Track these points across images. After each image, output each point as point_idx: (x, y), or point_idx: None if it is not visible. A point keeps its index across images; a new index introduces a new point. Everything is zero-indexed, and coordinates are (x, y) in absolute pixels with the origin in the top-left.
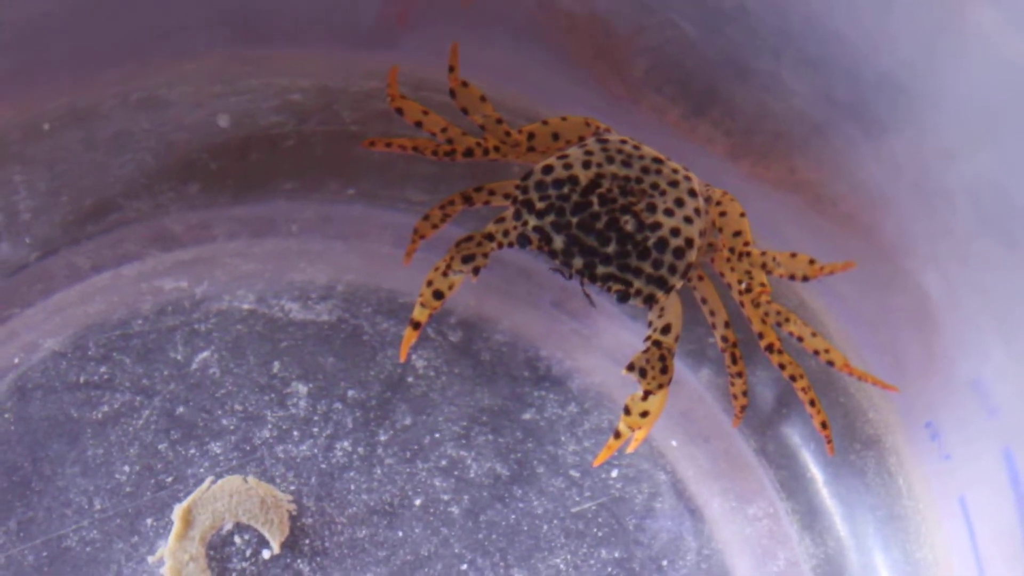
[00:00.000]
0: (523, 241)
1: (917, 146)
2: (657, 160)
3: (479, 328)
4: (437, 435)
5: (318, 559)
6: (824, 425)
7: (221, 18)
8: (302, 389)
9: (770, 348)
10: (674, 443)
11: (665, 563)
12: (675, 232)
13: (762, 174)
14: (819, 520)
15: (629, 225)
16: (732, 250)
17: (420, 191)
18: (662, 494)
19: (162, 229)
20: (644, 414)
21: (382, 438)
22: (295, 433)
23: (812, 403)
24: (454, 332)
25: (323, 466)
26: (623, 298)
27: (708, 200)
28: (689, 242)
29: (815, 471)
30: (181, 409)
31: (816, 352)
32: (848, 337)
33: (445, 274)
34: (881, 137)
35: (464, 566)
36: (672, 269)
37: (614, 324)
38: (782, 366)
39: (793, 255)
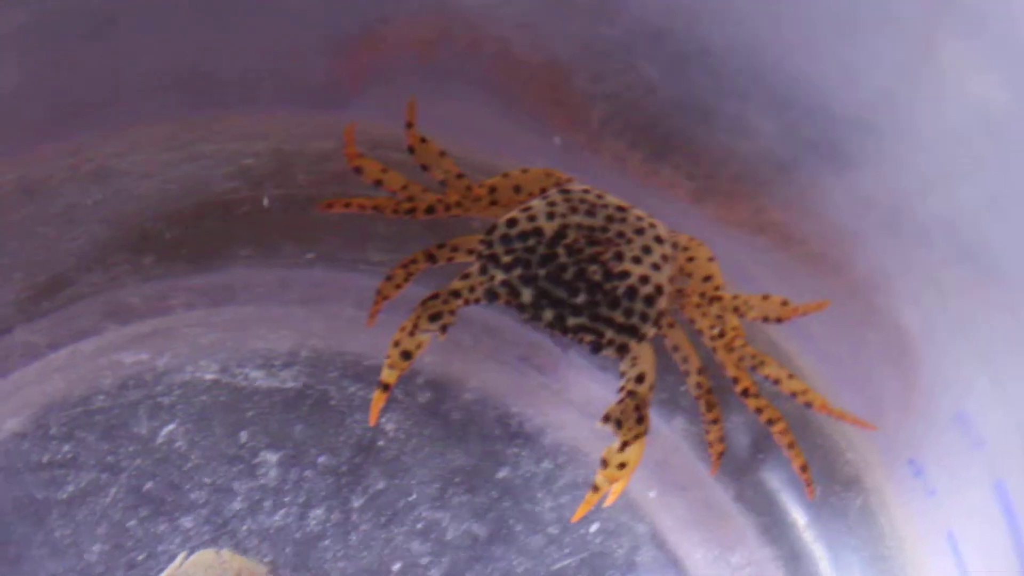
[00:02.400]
0: (490, 296)
1: (888, 181)
2: (621, 208)
3: (447, 388)
4: (412, 498)
5: None
6: (803, 468)
7: (170, 83)
8: (271, 458)
9: (745, 393)
10: (652, 494)
11: None
12: (644, 280)
13: (727, 216)
14: (803, 565)
15: (597, 275)
16: (703, 295)
17: (380, 251)
18: (643, 546)
19: (118, 302)
20: (622, 466)
21: (356, 504)
22: (267, 503)
23: (790, 446)
24: (422, 393)
25: (297, 535)
26: (596, 349)
27: (675, 246)
28: (659, 289)
29: (796, 515)
30: (149, 484)
31: (793, 394)
32: (823, 377)
33: (412, 334)
34: (851, 173)
35: None
36: (643, 317)
37: (583, 376)
38: (759, 410)
39: (765, 297)
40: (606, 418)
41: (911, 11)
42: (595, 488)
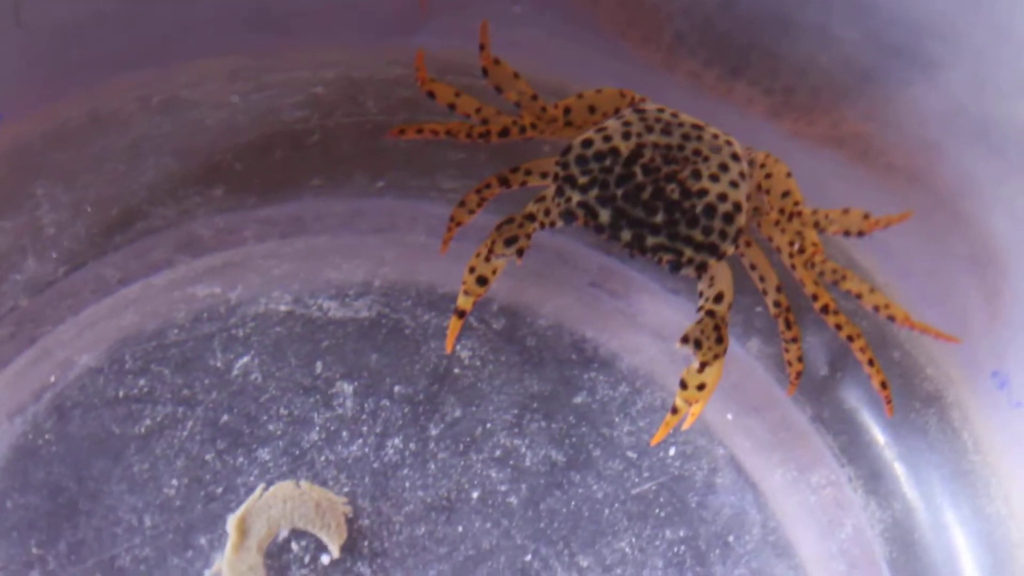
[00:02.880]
0: (568, 218)
1: (979, 84)
2: (696, 126)
3: (521, 314)
4: (489, 425)
5: (379, 560)
6: (883, 385)
7: (237, 14)
8: (347, 388)
9: (825, 309)
10: (729, 416)
11: (731, 539)
12: (722, 197)
13: (805, 131)
14: (883, 484)
15: (675, 193)
16: (781, 211)
17: (450, 179)
18: (721, 469)
19: (190, 235)
20: (701, 387)
21: (433, 432)
22: (344, 434)
23: (870, 363)
24: (497, 320)
25: (375, 465)
26: (675, 268)
27: (752, 163)
28: (737, 206)
29: (875, 434)
30: (225, 417)
31: (876, 308)
32: (903, 292)
33: (488, 259)
34: (937, 78)
35: (528, 557)
36: (723, 235)
37: (656, 301)
38: (838, 326)
39: (845, 211)
40: (685, 339)
41: None
42: (674, 410)
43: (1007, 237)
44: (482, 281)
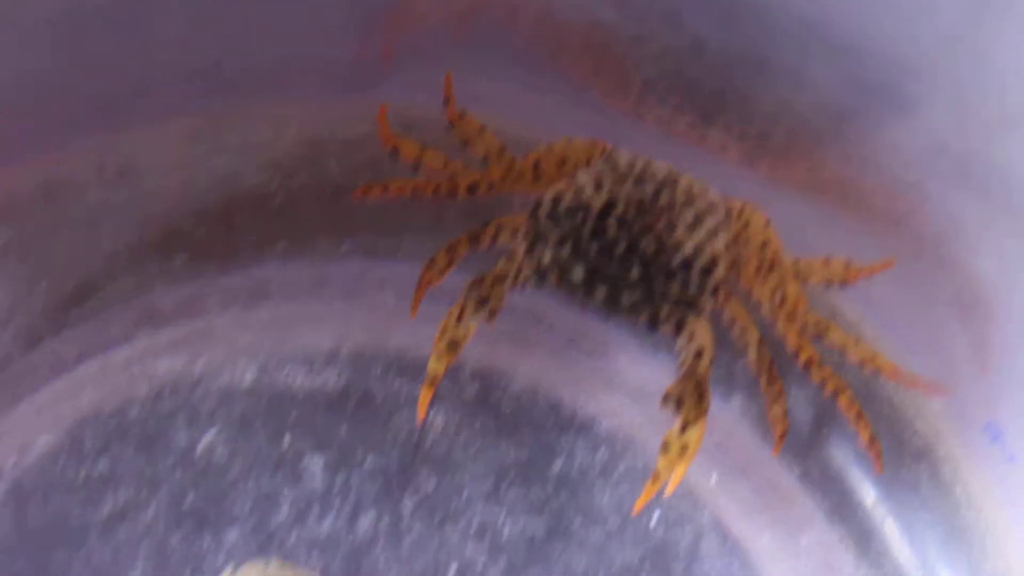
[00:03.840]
0: (540, 276)
1: (961, 124)
2: (670, 176)
3: (495, 378)
4: (465, 496)
5: None
6: (872, 440)
7: (192, 74)
8: (317, 462)
9: (808, 364)
10: (713, 479)
11: None
12: (699, 250)
13: (782, 177)
14: (874, 543)
15: (650, 247)
16: (761, 262)
17: (419, 239)
18: (707, 535)
19: (149, 307)
20: (683, 448)
21: (407, 505)
22: (315, 509)
23: (858, 417)
24: (470, 385)
25: (348, 542)
26: (652, 327)
27: (729, 212)
28: (715, 259)
29: (865, 491)
30: (191, 497)
31: (861, 362)
32: (888, 341)
33: (459, 322)
34: (917, 119)
35: None
36: (700, 289)
37: (634, 360)
38: (823, 382)
39: (827, 260)
40: (665, 399)
41: None
42: (656, 475)
43: (994, 282)
44: (454, 346)
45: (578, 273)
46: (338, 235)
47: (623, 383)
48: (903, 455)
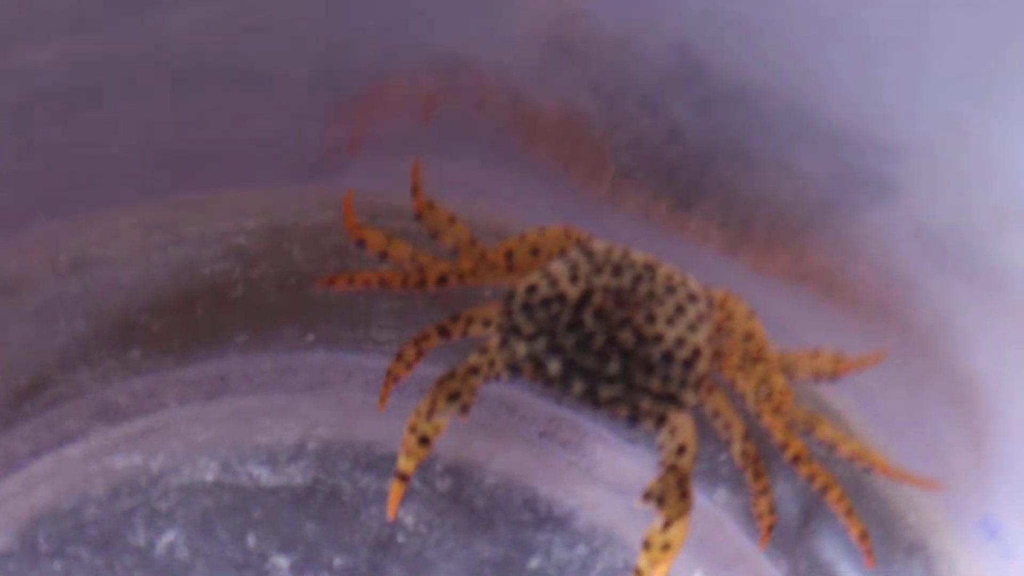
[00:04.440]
0: (513, 371)
1: (954, 217)
2: (649, 266)
3: (468, 472)
4: None
5: None
6: (863, 536)
7: (151, 162)
8: (283, 563)
9: (797, 459)
10: (697, 575)
11: None
12: (680, 342)
13: (765, 266)
14: None
15: (629, 340)
16: (745, 355)
17: (386, 328)
18: None
19: (105, 402)
20: (666, 547)
21: None
22: None
23: (848, 513)
24: (442, 480)
25: None
26: (632, 422)
27: (710, 303)
28: (697, 351)
29: None
30: None
31: (852, 457)
32: (878, 434)
33: (429, 417)
34: (907, 209)
35: None
36: (682, 383)
37: (612, 451)
38: (811, 477)
39: (815, 354)
40: (647, 496)
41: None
42: (637, 573)
43: (989, 380)
44: (424, 441)
45: (554, 367)
46: (302, 325)
47: (601, 475)
48: (895, 550)
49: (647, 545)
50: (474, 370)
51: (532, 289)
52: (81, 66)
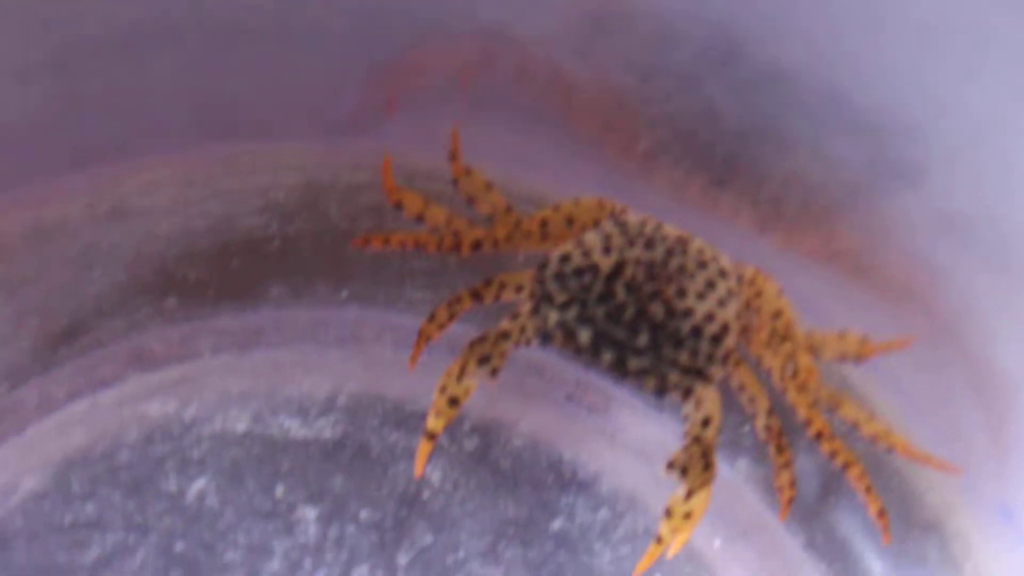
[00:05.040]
0: (545, 338)
1: (986, 207)
2: (681, 240)
3: (495, 433)
4: (461, 553)
5: None
6: (881, 513)
7: (193, 115)
8: (310, 514)
9: (819, 436)
10: (716, 543)
11: None
12: (709, 317)
13: (796, 245)
14: None
15: (659, 313)
16: (773, 333)
17: (419, 288)
18: None
19: (141, 349)
20: (687, 515)
21: (402, 561)
22: (307, 563)
23: (867, 491)
24: (469, 439)
25: None
26: (660, 394)
27: (740, 280)
28: (725, 327)
29: (871, 563)
30: (180, 546)
31: (874, 438)
32: (900, 414)
33: (459, 379)
34: (940, 196)
35: None
36: (710, 358)
37: (637, 417)
38: (833, 454)
39: (842, 335)
40: (671, 466)
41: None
42: (659, 539)
43: (1013, 367)
44: (453, 402)
45: (584, 336)
46: (336, 281)
47: (626, 441)
48: (912, 527)
49: (669, 513)
50: (505, 335)
51: (565, 258)
52: (123, 19)
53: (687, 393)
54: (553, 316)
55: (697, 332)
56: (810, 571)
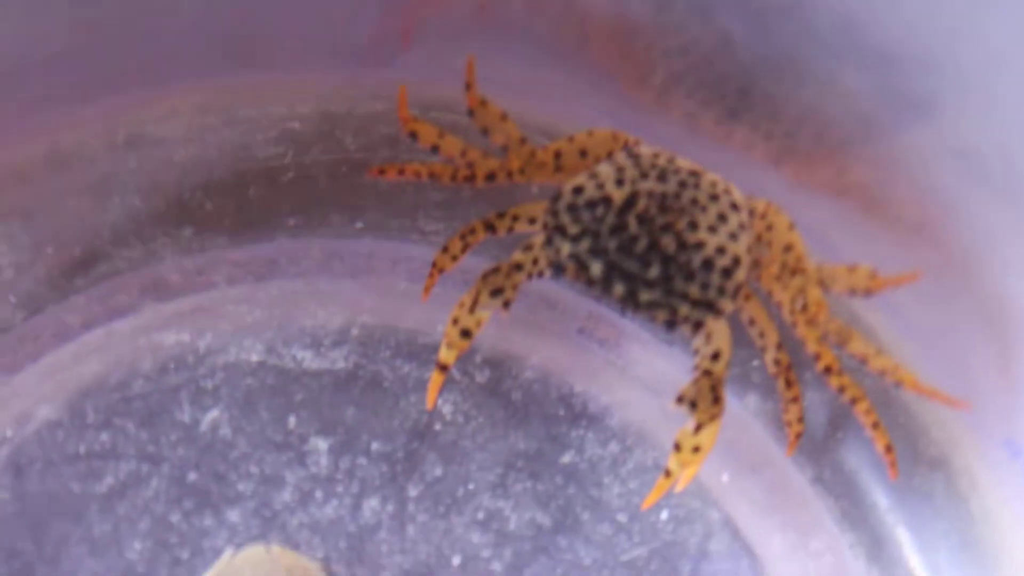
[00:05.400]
0: (557, 270)
1: (999, 140)
2: (694, 173)
3: (507, 365)
4: (471, 486)
5: None
6: (888, 449)
7: (210, 44)
8: (322, 445)
9: (828, 370)
10: (724, 478)
11: None
12: (721, 250)
13: (808, 179)
14: (886, 551)
15: (671, 246)
16: (783, 266)
17: (433, 220)
18: (716, 534)
19: (156, 278)
20: (696, 449)
21: (412, 493)
22: (318, 494)
23: (875, 426)
24: (481, 372)
25: (351, 528)
26: (670, 326)
27: (752, 213)
28: (736, 260)
29: (877, 498)
30: (192, 475)
31: (882, 372)
32: (909, 350)
33: (472, 310)
34: (951, 129)
35: None
36: (721, 291)
37: (648, 351)
38: (841, 389)
39: (851, 268)
40: (680, 399)
41: None
42: (667, 473)
43: (1022, 297)
44: (466, 334)
45: (596, 268)
46: (351, 212)
47: (636, 375)
48: (918, 463)
49: (678, 447)
50: (518, 267)
51: (578, 190)
52: None
53: (697, 326)
54: (565, 248)
55: (708, 265)
56: (817, 506)
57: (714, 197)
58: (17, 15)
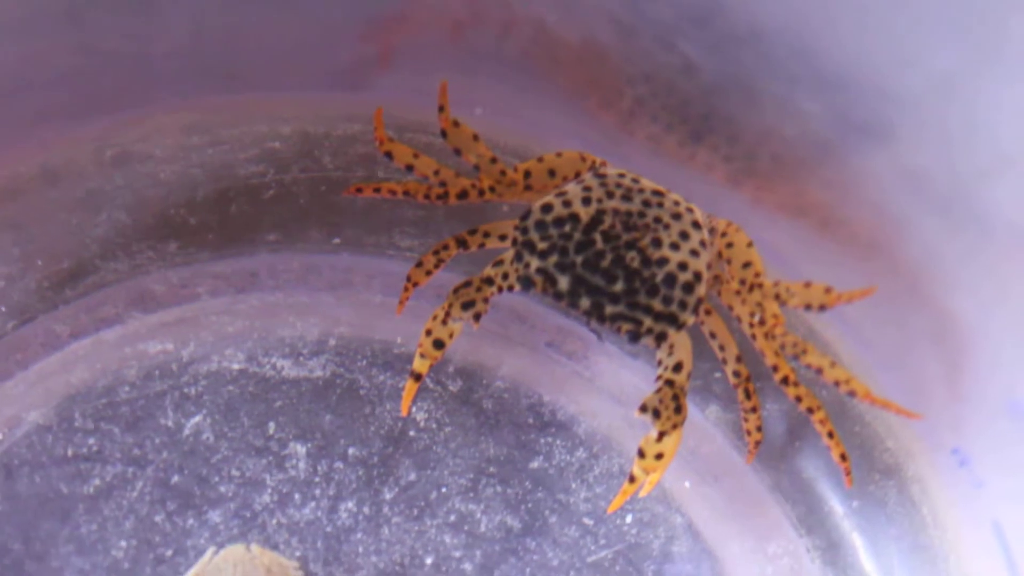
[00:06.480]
0: (526, 284)
1: (945, 164)
2: (657, 192)
3: (478, 375)
4: (444, 489)
5: None
6: (843, 457)
7: (195, 68)
8: (300, 450)
9: (785, 381)
10: (687, 484)
11: None
12: (683, 266)
13: (766, 199)
14: (841, 555)
15: (635, 262)
16: (742, 282)
17: (407, 236)
18: (679, 537)
19: (142, 290)
20: (659, 456)
21: (387, 496)
22: (296, 496)
23: (830, 435)
24: (453, 381)
25: (328, 529)
26: (634, 338)
27: (712, 231)
28: (697, 276)
29: (834, 504)
30: (176, 478)
31: (837, 383)
32: (863, 363)
33: (444, 322)
34: (902, 153)
35: None
36: (682, 305)
37: (614, 363)
38: (798, 399)
39: (807, 284)
40: (643, 408)
41: None
42: (631, 478)
43: (969, 318)
44: (439, 345)
45: (563, 282)
46: (329, 228)
47: (603, 386)
48: (872, 471)
49: (642, 453)
50: (488, 281)
51: (547, 208)
52: None
53: (660, 338)
54: (534, 263)
55: (671, 280)
56: (776, 511)
57: (677, 216)
58: (12, 40)
